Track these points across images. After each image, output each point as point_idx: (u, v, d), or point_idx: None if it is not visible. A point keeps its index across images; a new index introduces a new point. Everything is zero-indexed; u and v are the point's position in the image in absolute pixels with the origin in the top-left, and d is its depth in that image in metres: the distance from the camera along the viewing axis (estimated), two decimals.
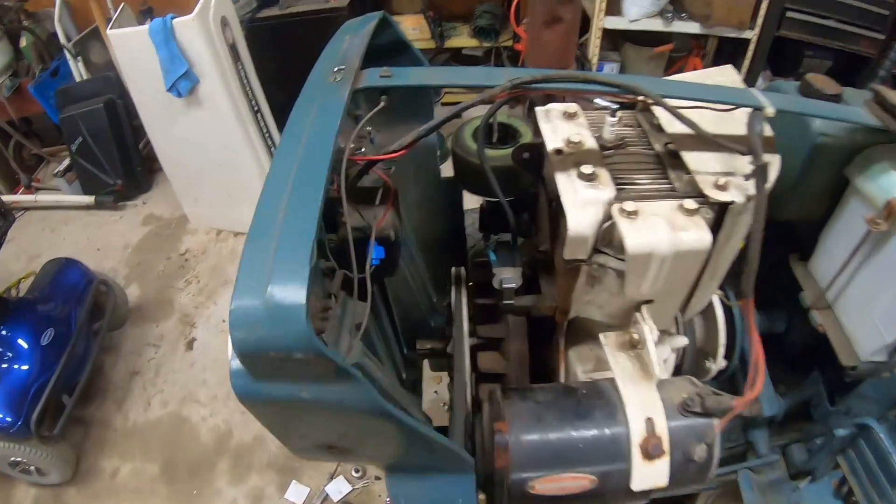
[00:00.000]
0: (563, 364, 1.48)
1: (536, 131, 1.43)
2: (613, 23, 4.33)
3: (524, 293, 1.51)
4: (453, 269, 1.86)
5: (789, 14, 4.14)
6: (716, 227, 1.13)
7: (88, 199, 4.51)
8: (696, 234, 1.05)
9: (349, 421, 0.97)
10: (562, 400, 1.11)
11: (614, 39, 4.91)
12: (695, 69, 4.89)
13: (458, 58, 5.30)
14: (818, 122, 1.37)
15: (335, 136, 0.97)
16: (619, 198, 1.11)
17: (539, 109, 1.38)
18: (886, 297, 1.34)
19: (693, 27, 4.34)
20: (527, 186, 1.78)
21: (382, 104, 1.18)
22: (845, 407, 1.63)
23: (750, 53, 4.52)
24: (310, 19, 4.15)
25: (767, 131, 1.14)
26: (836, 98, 1.30)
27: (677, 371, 1.73)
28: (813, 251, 1.61)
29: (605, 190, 1.11)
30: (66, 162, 4.59)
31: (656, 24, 4.35)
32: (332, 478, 2.91)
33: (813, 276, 1.61)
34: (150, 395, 3.35)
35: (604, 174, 1.15)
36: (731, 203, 1.07)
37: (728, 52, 4.97)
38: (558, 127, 1.30)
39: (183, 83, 3.28)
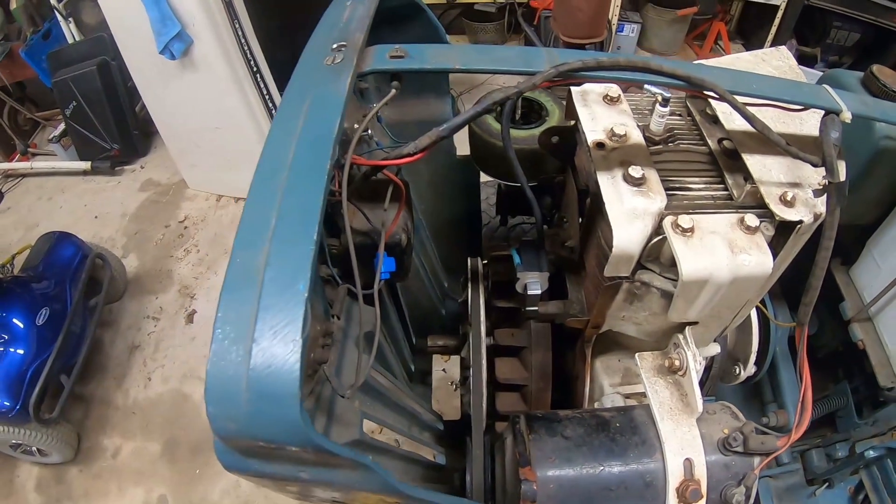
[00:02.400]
0: (588, 377, 1.37)
1: (568, 112, 1.26)
2: None
3: (548, 294, 1.38)
4: (469, 260, 1.72)
5: None
6: (775, 246, 0.99)
7: (85, 165, 4.33)
8: (758, 259, 0.91)
9: (358, 495, 0.84)
10: (593, 435, 1.00)
11: None
12: (718, 34, 4.64)
13: (469, 13, 5.02)
14: (882, 123, 1.21)
15: (333, 141, 0.78)
16: (671, 207, 0.97)
17: (575, 90, 1.20)
18: None
19: None
20: (552, 172, 1.62)
21: (394, 92, 0.98)
22: (872, 420, 1.53)
23: (777, 21, 4.27)
24: None
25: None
26: None
27: (705, 373, 1.62)
28: (857, 258, 1.47)
29: (656, 198, 0.96)
30: (62, 126, 4.40)
31: None
32: None
33: (855, 285, 1.47)
34: (150, 371, 3.27)
35: (653, 177, 0.99)
36: (800, 223, 0.92)
37: (753, 18, 4.70)
38: (598, 113, 1.13)
39: (176, 44, 3.07)
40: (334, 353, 1.01)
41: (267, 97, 3.70)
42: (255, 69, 3.55)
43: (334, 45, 0.95)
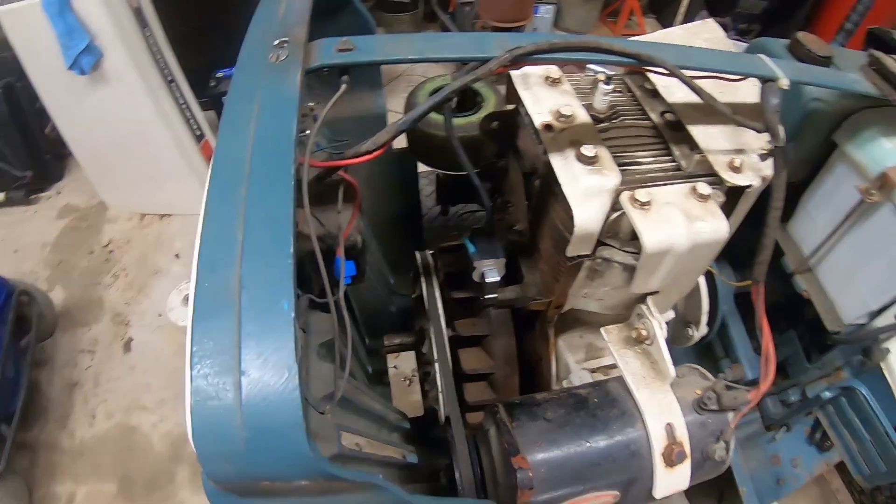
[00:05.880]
0: (553, 357, 1.38)
1: (508, 96, 1.25)
2: None
3: (502, 280, 1.38)
4: (418, 254, 1.70)
5: None
6: (725, 211, 1.02)
7: None
8: (714, 225, 0.94)
9: None
10: (573, 414, 1.01)
11: None
12: (632, 11, 4.79)
13: (383, 5, 4.93)
14: (811, 86, 1.28)
15: (293, 144, 0.73)
16: (625, 182, 0.98)
17: (515, 74, 1.19)
18: (874, 266, 1.30)
19: None
20: (490, 158, 1.63)
21: (345, 87, 0.93)
22: (820, 364, 1.63)
23: None
24: None
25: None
26: (827, 60, 1.19)
27: None
28: (791, 214, 1.55)
29: (610, 175, 0.97)
30: None
31: None
32: None
33: (792, 239, 1.56)
34: (94, 408, 3.08)
35: (604, 154, 1.00)
36: (749, 186, 0.96)
37: None
38: (541, 96, 1.13)
39: (85, 58, 2.87)
40: (301, 369, 0.98)
41: (183, 106, 3.55)
42: (169, 78, 3.39)
43: (276, 42, 0.90)
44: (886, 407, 1.31)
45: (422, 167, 2.16)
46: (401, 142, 2.00)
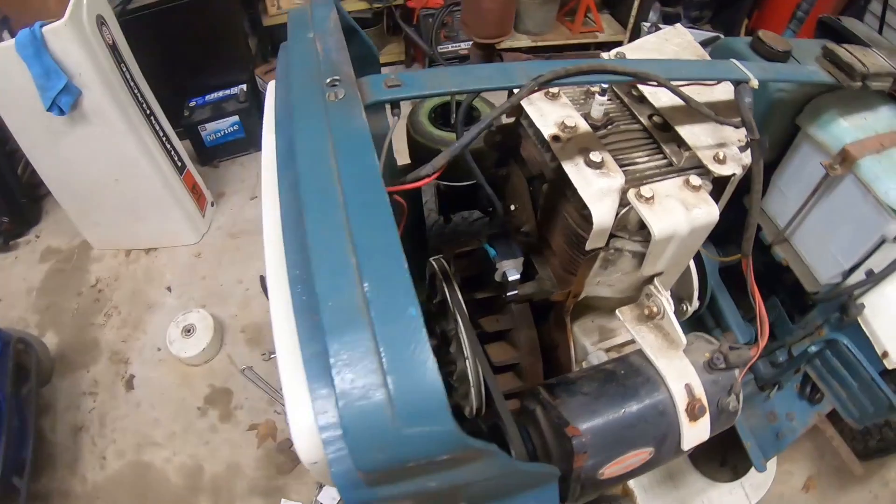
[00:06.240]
0: (571, 342, 1.52)
1: (513, 112, 1.38)
2: None
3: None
4: (433, 262, 1.82)
5: None
6: (714, 197, 1.18)
7: None
8: (707, 210, 1.10)
9: (467, 485, 0.84)
10: (606, 386, 1.15)
11: None
12: (588, 9, 4.99)
13: None
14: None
15: (380, 174, 0.79)
16: (629, 181, 1.13)
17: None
18: (842, 230, 1.49)
19: None
20: (491, 167, 1.76)
21: (398, 119, 1.03)
22: (803, 324, 1.81)
23: None
24: (189, 2, 3.86)
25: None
26: (786, 55, 1.37)
27: None
28: (764, 192, 1.74)
29: (616, 176, 1.11)
30: None
31: None
32: (321, 487, 2.85)
33: (768, 214, 1.74)
34: (103, 449, 3.07)
35: (608, 158, 1.14)
36: (733, 175, 1.12)
37: None
38: (544, 110, 1.26)
39: (64, 99, 2.87)
40: None
41: (164, 139, 3.59)
42: (148, 111, 3.44)
43: (328, 81, 0.96)
44: (867, 353, 1.49)
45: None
46: (404, 157, 2.12)
